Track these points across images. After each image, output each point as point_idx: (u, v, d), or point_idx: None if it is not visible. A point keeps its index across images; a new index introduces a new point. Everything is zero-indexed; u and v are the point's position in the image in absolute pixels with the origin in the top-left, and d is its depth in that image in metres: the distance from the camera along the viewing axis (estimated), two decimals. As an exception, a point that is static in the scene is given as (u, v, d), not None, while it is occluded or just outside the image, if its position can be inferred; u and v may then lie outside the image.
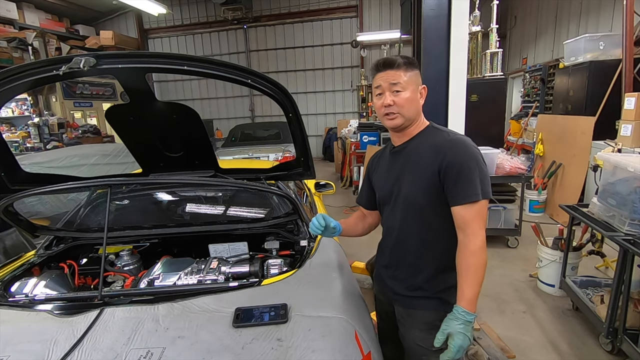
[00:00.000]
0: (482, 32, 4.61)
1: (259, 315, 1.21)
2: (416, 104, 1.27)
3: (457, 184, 1.18)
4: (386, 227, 1.43)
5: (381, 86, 1.26)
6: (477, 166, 1.19)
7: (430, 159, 1.23)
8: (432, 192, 1.23)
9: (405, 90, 1.23)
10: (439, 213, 1.25)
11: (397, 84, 1.23)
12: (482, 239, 1.18)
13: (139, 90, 1.51)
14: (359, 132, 6.23)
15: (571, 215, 2.68)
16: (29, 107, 7.73)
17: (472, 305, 1.15)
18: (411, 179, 1.28)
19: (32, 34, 7.73)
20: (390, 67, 1.24)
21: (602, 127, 4.34)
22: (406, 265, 1.35)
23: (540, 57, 7.58)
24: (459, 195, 1.18)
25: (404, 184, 1.29)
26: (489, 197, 1.21)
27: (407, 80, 1.23)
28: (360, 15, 10.32)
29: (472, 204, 1.17)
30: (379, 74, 1.27)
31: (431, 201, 1.25)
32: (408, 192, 1.28)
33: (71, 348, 1.12)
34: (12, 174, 1.68)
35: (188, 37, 11.43)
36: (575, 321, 2.67)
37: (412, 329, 1.35)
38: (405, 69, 1.24)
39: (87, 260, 1.93)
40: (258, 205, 2.21)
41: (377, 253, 1.51)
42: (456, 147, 1.21)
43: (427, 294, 1.31)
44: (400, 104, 1.23)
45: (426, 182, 1.24)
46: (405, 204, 1.30)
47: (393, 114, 1.25)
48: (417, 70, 1.28)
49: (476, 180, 1.18)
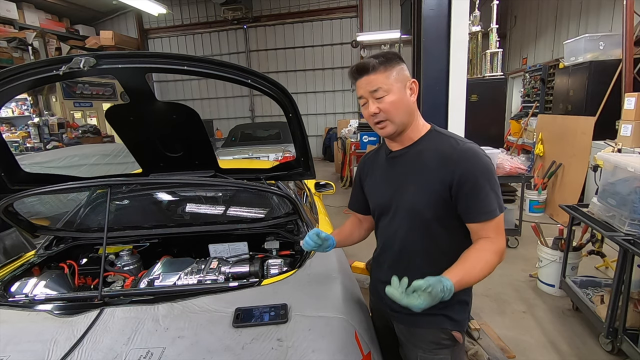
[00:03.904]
0: (482, 32, 4.61)
1: (259, 315, 1.21)
2: (406, 105, 1.12)
3: (472, 200, 1.08)
4: (384, 240, 1.30)
5: (363, 96, 1.13)
6: (490, 179, 1.09)
7: (438, 170, 1.11)
8: (440, 205, 1.12)
9: (388, 93, 1.09)
10: (447, 227, 1.15)
11: (378, 90, 1.09)
12: (501, 246, 1.09)
13: (139, 90, 1.51)
14: (359, 132, 6.24)
15: (571, 215, 2.68)
16: (29, 107, 7.72)
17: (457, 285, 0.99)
18: (415, 189, 1.15)
19: (32, 34, 7.73)
20: (366, 72, 1.10)
21: (602, 127, 4.34)
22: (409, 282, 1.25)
23: (540, 57, 7.58)
24: (475, 213, 1.09)
25: (407, 195, 1.17)
26: (504, 209, 1.12)
27: (389, 81, 1.09)
28: (360, 15, 10.31)
29: (490, 221, 1.09)
30: (358, 82, 1.13)
31: (438, 214, 1.14)
32: (412, 204, 1.16)
33: (71, 348, 1.12)
34: (12, 174, 1.68)
35: (188, 37, 11.42)
36: (575, 321, 2.67)
37: (415, 348, 1.25)
38: (384, 68, 1.09)
39: (87, 260, 1.93)
40: (258, 206, 2.21)
41: (374, 265, 1.39)
42: (468, 158, 1.09)
43: (432, 311, 1.06)
44: (386, 109, 1.10)
45: (433, 194, 1.12)
46: (408, 217, 1.18)
47: (382, 122, 1.13)
48: (400, 65, 1.12)
49: (491, 195, 1.08)
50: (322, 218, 2.39)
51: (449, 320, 1.20)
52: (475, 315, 2.70)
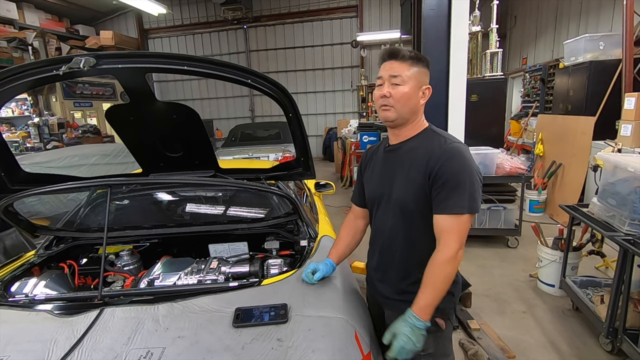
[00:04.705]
0: (482, 32, 4.61)
1: (259, 315, 1.21)
2: (413, 103, 1.21)
3: (443, 193, 1.15)
4: (375, 229, 1.40)
5: (382, 77, 1.22)
6: (468, 179, 1.14)
7: (423, 165, 1.19)
8: (422, 198, 1.20)
9: (404, 84, 1.18)
10: (428, 219, 1.21)
11: (397, 77, 1.18)
12: (454, 252, 1.13)
13: (139, 90, 1.51)
14: (359, 132, 6.23)
15: (571, 215, 2.68)
16: (29, 107, 7.72)
17: (423, 313, 1.13)
18: (402, 182, 1.25)
19: (32, 34, 7.73)
20: (395, 58, 1.20)
21: (602, 127, 4.34)
22: (394, 269, 1.33)
23: (540, 57, 7.58)
24: (442, 204, 1.15)
25: (395, 187, 1.27)
26: (475, 212, 1.17)
27: (409, 75, 1.18)
28: (360, 15, 10.32)
29: (454, 216, 1.14)
30: (383, 64, 1.23)
31: (420, 207, 1.22)
32: (399, 196, 1.25)
33: (71, 348, 1.12)
34: (12, 174, 1.68)
35: (188, 37, 11.43)
36: (575, 321, 2.67)
37: None
38: (411, 63, 1.19)
39: (87, 260, 1.93)
40: (258, 205, 2.21)
41: (368, 254, 1.48)
42: (450, 156, 1.16)
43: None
44: (396, 97, 1.19)
45: (416, 188, 1.21)
46: (395, 207, 1.27)
47: (387, 106, 1.21)
48: (425, 68, 1.22)
49: (464, 194, 1.13)
50: (322, 218, 2.39)
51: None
52: (475, 315, 2.70)
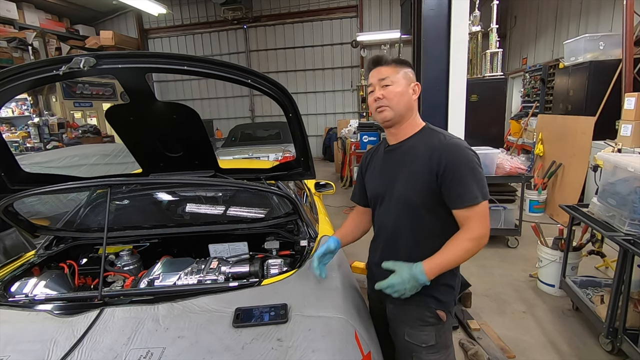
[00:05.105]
0: (482, 32, 4.60)
1: (259, 315, 1.21)
2: (406, 99, 1.29)
3: (454, 188, 1.21)
4: (378, 226, 1.44)
5: (372, 83, 1.31)
6: (472, 170, 1.21)
7: (426, 161, 1.25)
8: (427, 193, 1.26)
9: (394, 84, 1.27)
10: (434, 213, 1.28)
11: (386, 79, 1.27)
12: (479, 233, 1.20)
13: (139, 90, 1.51)
14: (359, 132, 6.24)
15: (571, 215, 2.68)
16: (29, 107, 7.73)
17: (431, 272, 1.19)
18: (405, 179, 1.30)
19: (32, 34, 7.73)
20: (380, 64, 1.30)
21: (602, 127, 4.34)
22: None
23: (540, 57, 7.58)
24: (457, 200, 1.22)
25: (399, 184, 1.31)
26: (488, 198, 1.23)
27: (397, 76, 1.27)
28: (360, 15, 10.31)
29: (471, 207, 1.20)
30: (371, 72, 1.32)
31: (426, 202, 1.27)
32: (402, 192, 1.30)
33: (71, 348, 1.12)
34: (12, 174, 1.68)
35: (188, 37, 11.43)
36: (575, 321, 2.67)
37: (403, 324, 1.37)
38: (395, 65, 1.29)
39: (87, 260, 1.93)
40: (258, 205, 2.20)
41: (370, 252, 1.51)
42: (452, 151, 1.23)
43: (420, 292, 1.27)
44: (389, 97, 1.27)
45: (421, 184, 1.26)
46: (398, 203, 1.32)
47: (382, 107, 1.28)
48: (409, 68, 1.32)
49: (472, 184, 1.20)
50: (322, 218, 2.39)
51: (434, 300, 1.32)
52: (475, 315, 2.70)
